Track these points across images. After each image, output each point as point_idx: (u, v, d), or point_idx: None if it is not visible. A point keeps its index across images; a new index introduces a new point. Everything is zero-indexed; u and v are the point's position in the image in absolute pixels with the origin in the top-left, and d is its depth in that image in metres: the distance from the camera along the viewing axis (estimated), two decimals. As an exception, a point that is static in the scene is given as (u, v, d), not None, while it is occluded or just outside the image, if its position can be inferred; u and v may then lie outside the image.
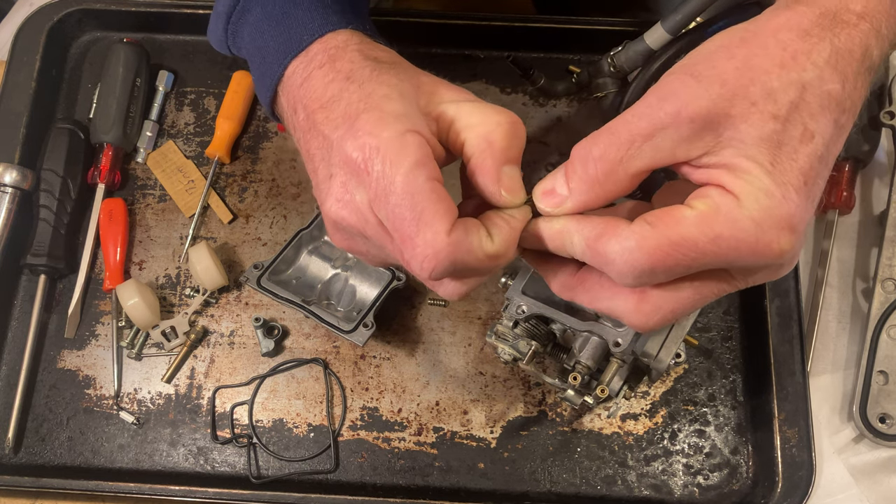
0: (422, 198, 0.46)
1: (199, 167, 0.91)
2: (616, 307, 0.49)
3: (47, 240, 0.84)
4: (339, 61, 0.54)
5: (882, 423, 0.79)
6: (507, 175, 0.50)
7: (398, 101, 0.49)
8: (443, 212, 0.46)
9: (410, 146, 0.47)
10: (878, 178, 0.89)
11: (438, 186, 0.47)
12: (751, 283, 0.48)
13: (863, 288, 0.85)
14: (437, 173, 0.48)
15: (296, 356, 0.83)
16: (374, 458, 0.80)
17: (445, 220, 0.46)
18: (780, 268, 0.47)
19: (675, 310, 0.48)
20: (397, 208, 0.46)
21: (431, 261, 0.47)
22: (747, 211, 0.43)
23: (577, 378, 0.67)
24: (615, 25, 0.90)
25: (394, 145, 0.47)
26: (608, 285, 0.50)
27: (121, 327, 0.84)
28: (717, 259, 0.44)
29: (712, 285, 0.47)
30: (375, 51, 0.55)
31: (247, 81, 0.92)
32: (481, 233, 0.48)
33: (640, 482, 0.79)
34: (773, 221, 0.43)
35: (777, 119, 0.43)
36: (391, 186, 0.46)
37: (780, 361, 0.80)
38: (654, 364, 0.69)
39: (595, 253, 0.47)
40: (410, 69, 0.54)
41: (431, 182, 0.47)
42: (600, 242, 0.46)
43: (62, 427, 0.81)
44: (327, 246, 0.85)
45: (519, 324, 0.70)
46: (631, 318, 0.49)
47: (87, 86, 0.94)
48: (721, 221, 0.43)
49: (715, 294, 0.48)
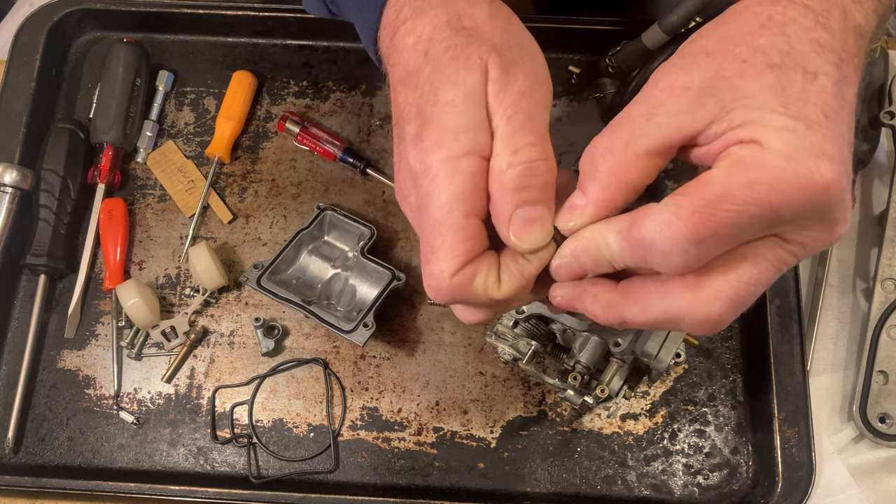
0: (445, 231, 0.46)
1: (199, 167, 0.91)
2: (672, 307, 0.45)
3: (47, 240, 0.84)
4: (420, 19, 0.51)
5: (882, 423, 0.79)
6: (519, 218, 0.47)
7: (462, 111, 0.47)
8: (459, 251, 0.46)
9: (459, 175, 0.46)
10: (878, 178, 0.89)
11: (470, 223, 0.46)
12: (809, 248, 0.44)
13: (863, 288, 0.85)
14: (480, 206, 0.47)
15: (296, 356, 0.83)
16: (374, 458, 0.80)
17: (455, 261, 0.46)
18: (833, 218, 0.43)
19: (739, 291, 0.44)
20: (426, 228, 0.47)
21: (433, 290, 0.48)
22: (774, 149, 0.40)
23: (577, 378, 0.67)
24: (614, 25, 0.90)
25: (444, 170, 0.46)
26: (656, 287, 0.46)
27: (121, 327, 0.84)
28: (760, 209, 0.40)
29: (768, 254, 0.44)
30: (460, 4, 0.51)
31: (247, 81, 0.92)
32: (490, 278, 0.47)
33: (640, 482, 0.79)
34: (804, 151, 0.40)
35: (773, 67, 0.42)
36: (429, 208, 0.47)
37: (780, 361, 0.80)
38: (654, 364, 0.69)
39: (633, 242, 0.43)
40: (486, 43, 0.49)
41: (464, 218, 0.46)
42: (635, 228, 0.43)
43: (62, 427, 0.81)
44: (327, 246, 0.85)
45: (519, 324, 0.70)
46: (693, 313, 0.44)
47: (87, 86, 0.94)
48: (752, 167, 0.40)
49: (775, 267, 0.44)
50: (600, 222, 0.46)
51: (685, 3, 0.74)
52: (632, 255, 0.44)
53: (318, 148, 0.89)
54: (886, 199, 0.84)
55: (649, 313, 0.46)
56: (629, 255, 0.44)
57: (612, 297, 0.48)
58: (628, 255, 0.44)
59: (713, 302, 0.44)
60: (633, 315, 0.47)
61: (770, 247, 0.44)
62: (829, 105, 0.42)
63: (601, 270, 0.47)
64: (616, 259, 0.45)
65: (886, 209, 0.84)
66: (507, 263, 0.48)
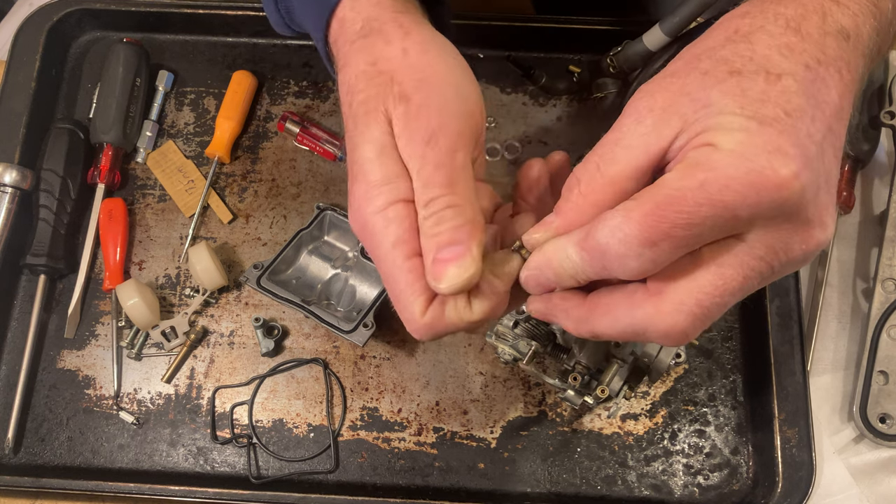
0: (398, 276, 0.48)
1: (199, 167, 0.91)
2: (637, 319, 0.45)
3: (47, 240, 0.84)
4: (348, 66, 0.53)
5: (882, 423, 0.79)
6: (436, 261, 0.47)
7: (378, 167, 0.49)
8: (417, 291, 0.48)
9: (391, 224, 0.48)
10: (878, 178, 0.89)
11: (417, 262, 0.48)
12: (782, 254, 0.42)
13: (863, 288, 0.85)
14: (419, 245, 0.49)
15: (296, 356, 0.83)
16: (374, 458, 0.80)
17: (420, 302, 0.48)
18: (803, 219, 0.41)
19: (702, 302, 0.43)
20: (383, 277, 0.50)
21: (413, 333, 0.50)
22: (725, 148, 0.40)
23: (578, 378, 0.67)
24: (615, 25, 0.90)
25: (377, 224, 0.49)
26: (622, 299, 0.46)
27: (121, 327, 0.84)
28: (714, 209, 0.40)
29: (733, 262, 0.42)
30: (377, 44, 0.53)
31: (247, 81, 0.92)
32: (458, 304, 0.48)
33: (641, 482, 0.79)
34: (756, 148, 0.39)
35: (733, 73, 0.42)
36: (378, 259, 0.50)
37: (781, 361, 0.80)
38: (655, 364, 0.69)
39: (590, 250, 0.44)
40: (395, 91, 0.50)
41: (409, 260, 0.48)
42: (590, 236, 0.43)
43: (62, 427, 0.81)
44: (327, 246, 0.85)
45: (519, 324, 0.70)
46: (656, 325, 0.44)
47: (87, 86, 0.94)
48: (702, 168, 0.40)
49: (742, 275, 0.43)
50: (562, 236, 0.46)
51: (686, 5, 0.74)
52: (591, 265, 0.44)
53: (318, 148, 0.89)
54: (886, 199, 0.84)
55: (617, 326, 0.46)
56: (589, 264, 0.44)
57: (581, 311, 0.48)
58: (588, 264, 0.44)
59: (675, 314, 0.44)
60: (602, 328, 0.47)
61: (734, 254, 0.42)
62: (791, 103, 0.41)
63: (566, 284, 0.47)
64: (578, 272, 0.46)
65: (886, 209, 0.84)
66: (478, 284, 0.48)
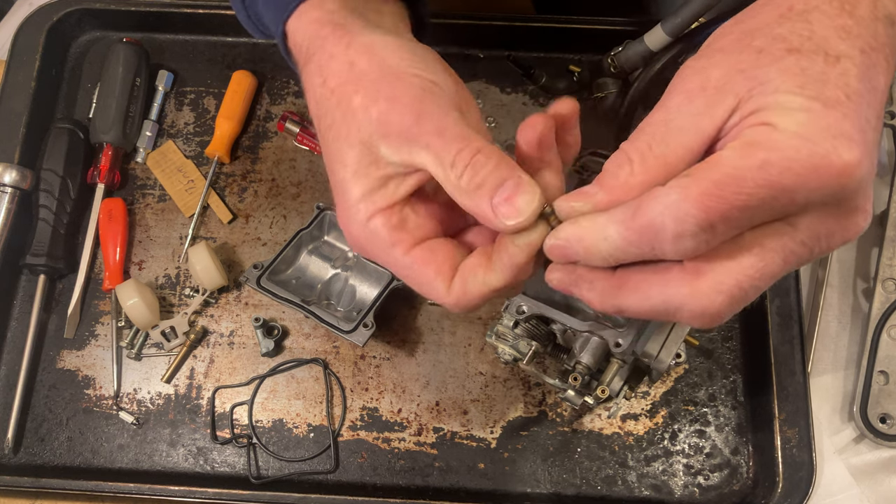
0: (411, 271, 0.49)
1: (199, 167, 0.91)
2: (671, 298, 0.43)
3: (47, 240, 0.84)
4: (307, 90, 0.53)
5: (882, 424, 0.79)
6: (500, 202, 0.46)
7: (353, 182, 0.49)
8: (433, 274, 0.49)
9: (378, 234, 0.49)
10: (878, 177, 0.89)
11: (420, 252, 0.49)
12: (824, 241, 0.41)
13: (863, 288, 0.85)
14: (416, 235, 0.50)
15: (296, 356, 0.83)
16: (374, 458, 0.80)
17: (440, 284, 0.49)
18: (852, 207, 0.41)
19: (742, 284, 0.41)
20: (400, 277, 0.51)
21: (454, 308, 0.50)
22: (787, 129, 0.38)
23: (578, 378, 0.67)
24: (615, 25, 0.90)
25: (365, 236, 0.50)
26: (655, 276, 0.44)
27: (120, 327, 0.84)
28: (772, 192, 0.38)
29: (776, 245, 0.41)
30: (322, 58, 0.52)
31: (247, 81, 0.92)
32: (479, 274, 0.48)
33: (641, 482, 0.79)
34: (821, 131, 0.38)
35: (791, 51, 0.40)
36: (386, 265, 0.51)
37: (781, 361, 0.80)
38: (655, 364, 0.68)
39: (639, 229, 0.41)
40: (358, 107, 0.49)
41: (410, 254, 0.49)
42: (641, 213, 0.40)
43: (62, 427, 0.81)
44: (327, 246, 0.85)
45: (519, 324, 0.70)
46: (692, 305, 0.42)
47: (86, 86, 0.94)
48: (763, 148, 0.38)
49: (783, 259, 0.41)
50: (601, 213, 0.43)
51: (689, 5, 0.74)
52: (637, 245, 0.42)
53: (318, 148, 0.89)
54: (887, 199, 0.84)
55: (647, 303, 0.44)
56: (634, 244, 0.42)
57: (608, 284, 0.46)
58: (633, 245, 0.42)
59: (713, 294, 0.41)
60: (630, 304, 0.45)
61: (779, 237, 0.41)
62: (851, 87, 0.40)
63: (594, 263, 0.45)
64: (614, 253, 0.43)
65: (887, 209, 0.84)
66: (497, 250, 0.48)
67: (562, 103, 0.49)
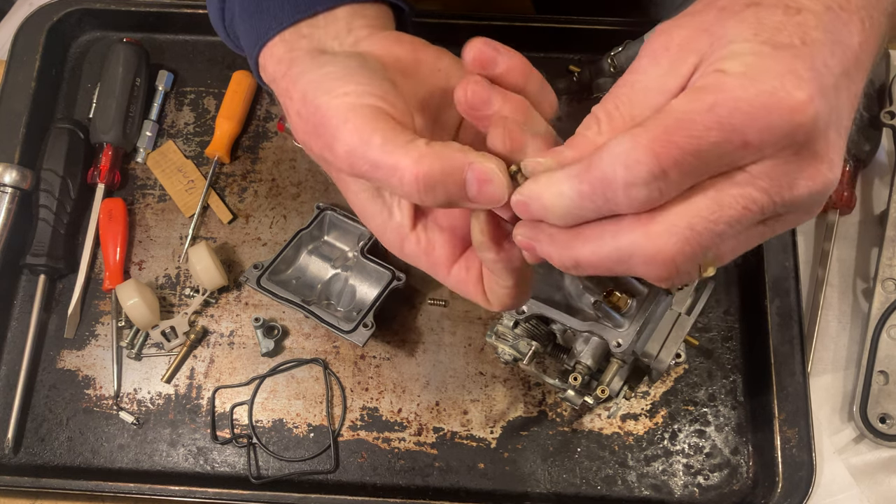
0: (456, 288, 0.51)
1: (199, 167, 0.91)
2: (623, 244, 0.42)
3: (47, 240, 0.84)
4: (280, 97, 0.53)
5: (882, 424, 0.79)
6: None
7: (370, 205, 0.51)
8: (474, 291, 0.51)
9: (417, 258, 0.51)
10: (879, 178, 0.89)
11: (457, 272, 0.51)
12: (786, 189, 0.40)
13: (863, 288, 0.85)
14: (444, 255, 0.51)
15: (296, 356, 0.83)
16: (374, 458, 0.80)
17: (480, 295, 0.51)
18: (812, 152, 0.39)
19: (695, 225, 0.40)
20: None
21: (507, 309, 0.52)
22: (736, 71, 0.38)
23: (578, 378, 0.67)
24: (615, 25, 0.90)
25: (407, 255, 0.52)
26: (608, 224, 0.43)
27: (120, 327, 0.84)
28: (723, 133, 0.38)
29: (732, 190, 0.40)
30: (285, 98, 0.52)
31: (247, 81, 0.92)
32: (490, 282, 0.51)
33: (641, 482, 0.79)
34: (768, 70, 0.38)
35: (750, 5, 0.40)
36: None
37: (781, 361, 0.80)
38: (655, 364, 0.69)
39: (592, 182, 0.40)
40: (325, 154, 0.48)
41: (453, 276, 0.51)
42: (593, 167, 0.40)
43: (62, 427, 0.81)
44: (327, 246, 0.85)
45: (519, 324, 0.70)
46: (644, 250, 0.41)
47: (86, 86, 0.94)
48: (711, 91, 0.38)
49: (741, 205, 0.40)
50: (557, 171, 0.42)
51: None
52: (592, 198, 0.41)
53: (318, 148, 0.89)
54: (887, 199, 0.84)
55: (600, 252, 0.43)
56: (589, 198, 0.41)
57: (565, 236, 0.45)
58: (588, 199, 0.41)
59: (665, 236, 0.40)
60: (584, 255, 0.44)
61: (735, 183, 0.40)
62: (808, 35, 0.39)
63: (553, 221, 0.44)
64: (571, 210, 0.42)
65: (887, 209, 0.84)
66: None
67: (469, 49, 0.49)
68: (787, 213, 0.42)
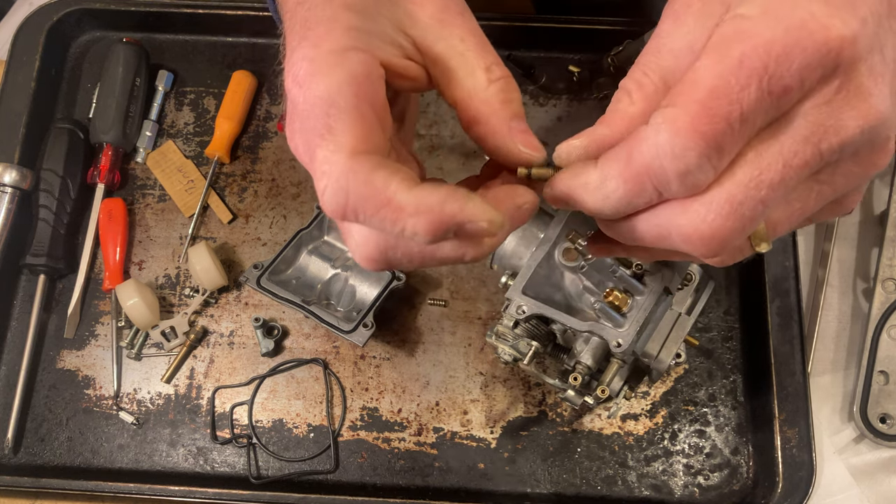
0: (339, 111, 0.39)
1: (199, 167, 0.91)
2: (662, 221, 0.39)
3: (47, 240, 0.84)
4: None
5: (882, 424, 0.79)
6: (520, 128, 0.43)
7: (360, 11, 0.42)
8: (357, 132, 0.39)
9: (349, 62, 0.40)
10: (879, 178, 0.89)
11: (367, 110, 0.39)
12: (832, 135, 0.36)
13: (863, 288, 0.85)
14: (376, 99, 0.41)
15: (296, 356, 0.83)
16: (374, 458, 0.80)
17: (356, 139, 0.39)
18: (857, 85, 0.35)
19: (733, 196, 0.36)
20: (310, 119, 0.39)
21: (324, 179, 0.39)
22: (755, 15, 0.35)
23: (578, 378, 0.67)
24: (615, 25, 0.90)
25: (329, 60, 0.39)
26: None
27: (120, 327, 0.84)
28: (763, 85, 0.34)
29: (771, 148, 0.36)
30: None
31: (247, 81, 0.92)
32: (398, 175, 0.38)
33: (641, 482, 0.79)
34: (790, 4, 0.34)
35: None
36: (312, 95, 0.39)
37: (781, 361, 0.80)
38: (655, 364, 0.68)
39: (635, 177, 0.37)
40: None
41: (359, 100, 0.39)
42: (634, 162, 0.37)
43: (62, 427, 0.81)
44: (327, 246, 0.85)
45: (519, 324, 0.70)
46: (681, 226, 0.38)
47: (86, 86, 0.94)
48: (736, 41, 0.34)
49: (782, 163, 0.36)
50: (594, 169, 0.40)
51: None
52: (640, 193, 0.38)
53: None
54: (887, 199, 0.84)
55: (640, 229, 0.41)
56: (636, 194, 0.38)
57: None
58: (636, 194, 0.38)
59: (702, 212, 0.37)
60: (625, 232, 0.42)
61: (774, 138, 0.36)
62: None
63: (604, 218, 0.42)
64: (617, 210, 0.40)
65: (887, 209, 0.84)
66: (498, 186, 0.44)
67: None
68: (841, 163, 0.38)
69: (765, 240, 0.40)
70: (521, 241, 0.70)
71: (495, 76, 0.44)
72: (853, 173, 0.39)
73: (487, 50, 0.45)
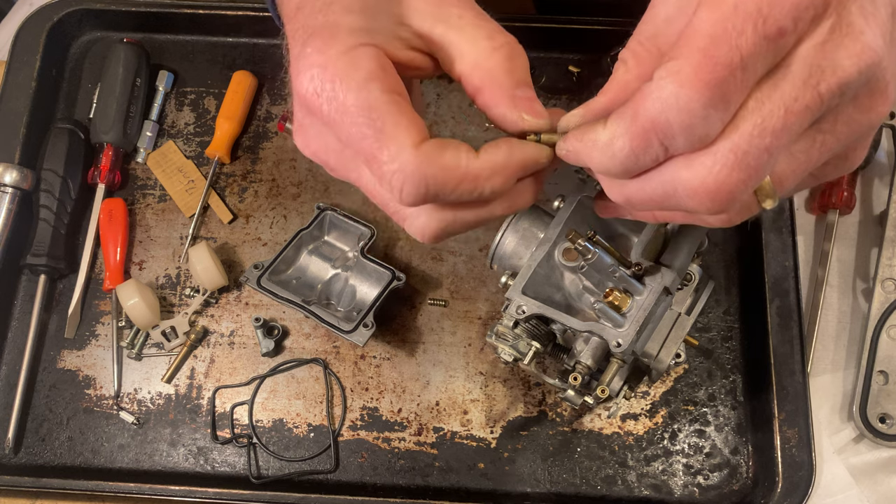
0: (380, 112, 0.42)
1: (199, 167, 0.91)
2: (668, 177, 0.39)
3: (47, 240, 0.84)
4: None
5: (882, 423, 0.79)
6: (523, 96, 0.44)
7: (358, 13, 0.44)
8: (405, 124, 0.42)
9: (361, 60, 0.42)
10: (878, 178, 0.89)
11: (399, 99, 0.43)
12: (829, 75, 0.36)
13: (863, 288, 0.85)
14: (398, 86, 0.43)
15: (296, 356, 0.83)
16: (374, 458, 0.80)
17: (411, 132, 0.42)
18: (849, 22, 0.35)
19: (737, 146, 0.36)
20: (354, 127, 0.42)
21: (399, 176, 0.41)
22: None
23: (578, 378, 0.67)
24: (615, 25, 0.90)
25: (342, 61, 0.42)
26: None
27: (121, 327, 0.84)
28: (761, 26, 0.34)
29: (770, 95, 0.36)
30: None
31: (247, 82, 0.92)
32: (461, 149, 0.42)
33: (641, 482, 0.79)
34: None
35: None
36: (344, 105, 0.42)
37: (780, 361, 0.80)
38: (655, 364, 0.69)
39: (643, 134, 0.37)
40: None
41: (389, 94, 0.42)
42: (640, 117, 0.37)
43: (62, 427, 0.81)
44: (327, 246, 0.85)
45: (519, 324, 0.70)
46: (687, 181, 0.38)
47: (87, 86, 0.94)
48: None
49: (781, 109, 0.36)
50: (601, 128, 0.40)
51: None
52: (646, 149, 0.38)
53: (318, 148, 0.89)
54: (886, 199, 0.84)
55: (647, 188, 0.41)
56: (642, 150, 0.38)
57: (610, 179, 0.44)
58: (642, 150, 0.38)
59: (707, 165, 0.37)
60: (632, 192, 0.42)
61: (772, 83, 0.36)
62: None
63: (613, 177, 0.42)
64: (626, 169, 0.40)
65: (886, 209, 0.84)
66: (492, 144, 0.45)
67: None
68: (841, 110, 0.38)
69: (771, 196, 0.39)
70: (521, 241, 0.70)
71: (498, 43, 0.45)
72: (855, 120, 0.39)
73: (486, 19, 0.46)
